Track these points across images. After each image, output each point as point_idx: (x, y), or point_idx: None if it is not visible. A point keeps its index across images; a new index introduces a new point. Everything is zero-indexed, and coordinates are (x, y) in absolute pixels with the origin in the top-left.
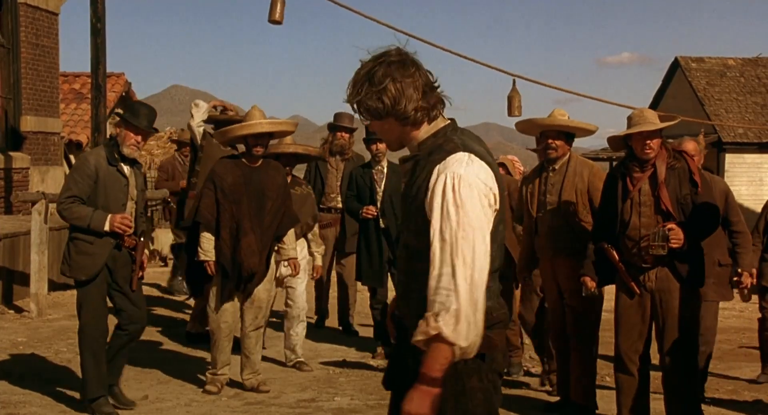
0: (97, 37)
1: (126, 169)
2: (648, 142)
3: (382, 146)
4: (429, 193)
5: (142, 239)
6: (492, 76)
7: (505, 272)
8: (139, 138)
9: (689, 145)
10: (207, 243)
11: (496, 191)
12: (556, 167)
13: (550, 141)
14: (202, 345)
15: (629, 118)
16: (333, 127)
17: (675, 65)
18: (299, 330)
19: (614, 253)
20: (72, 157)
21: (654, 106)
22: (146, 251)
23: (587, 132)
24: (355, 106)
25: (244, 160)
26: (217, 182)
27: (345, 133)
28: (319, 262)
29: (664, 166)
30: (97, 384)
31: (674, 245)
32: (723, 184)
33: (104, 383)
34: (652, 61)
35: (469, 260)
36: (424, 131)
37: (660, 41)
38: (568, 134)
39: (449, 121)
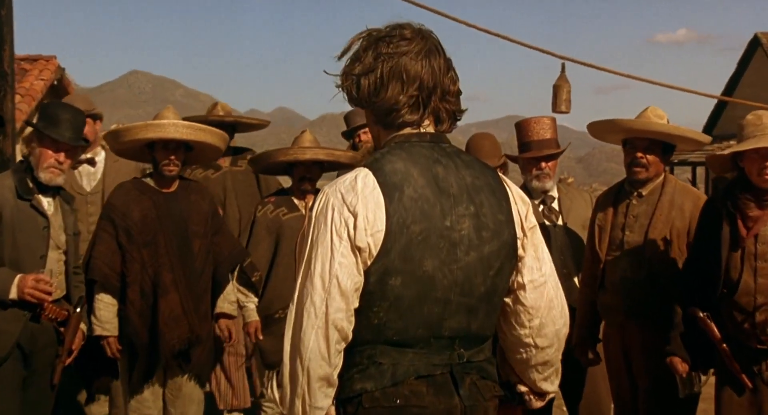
0: (1, 8)
1: (46, 203)
2: None
3: None
4: None
5: (78, 309)
6: (517, 60)
7: None
8: (61, 156)
9: None
10: (105, 310)
11: (364, 222)
12: (644, 193)
13: (638, 155)
14: None
15: (741, 127)
16: (349, 133)
17: (754, 44)
18: None
19: (713, 326)
20: None
21: (727, 95)
22: (82, 327)
23: (697, 144)
24: (340, 86)
25: (152, 183)
26: (116, 220)
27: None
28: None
29: None
30: None
31: None
32: None
33: None
34: (714, 38)
35: (293, 314)
36: (383, 139)
37: (724, 14)
38: (665, 146)
39: (415, 132)
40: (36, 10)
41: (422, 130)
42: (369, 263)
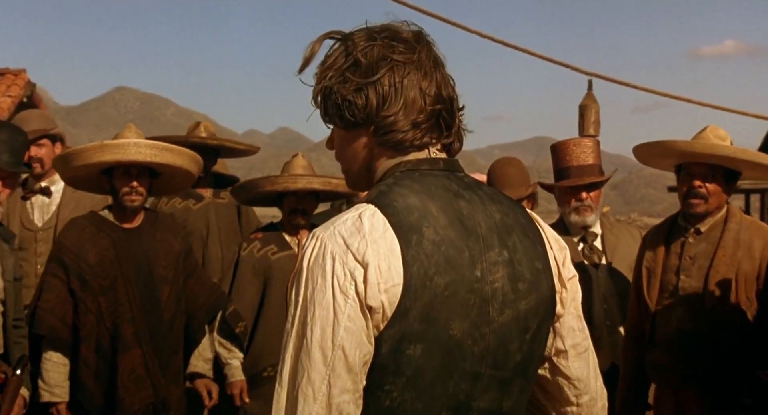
0: None
1: None
2: None
3: None
4: None
5: (18, 370)
6: (545, 76)
7: None
8: None
9: None
10: (54, 371)
11: (376, 274)
12: (703, 229)
13: (697, 183)
14: None
15: None
16: None
17: None
18: None
19: None
20: None
21: None
22: (23, 392)
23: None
24: (319, 98)
25: (110, 217)
26: (68, 263)
27: None
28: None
29: None
30: None
31: None
32: None
33: None
34: (766, 50)
35: (283, 397)
36: (383, 166)
37: None
38: (729, 173)
39: (425, 158)
40: (9, 21)
41: (433, 155)
42: (382, 327)
